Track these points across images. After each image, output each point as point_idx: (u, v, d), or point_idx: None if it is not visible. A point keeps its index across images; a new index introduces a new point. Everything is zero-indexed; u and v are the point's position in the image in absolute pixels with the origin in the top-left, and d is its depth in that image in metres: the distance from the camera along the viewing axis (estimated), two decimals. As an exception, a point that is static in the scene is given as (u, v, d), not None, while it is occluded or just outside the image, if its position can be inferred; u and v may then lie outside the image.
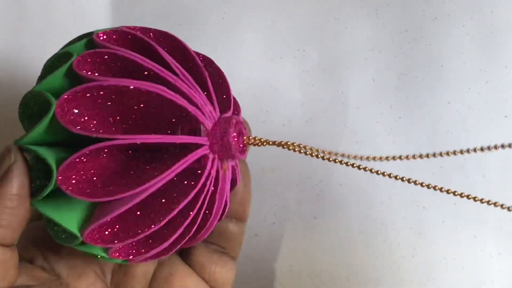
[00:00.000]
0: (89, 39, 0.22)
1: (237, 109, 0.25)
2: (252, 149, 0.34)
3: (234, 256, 0.28)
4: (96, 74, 0.21)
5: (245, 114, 0.34)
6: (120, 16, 0.34)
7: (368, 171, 0.22)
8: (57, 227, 0.22)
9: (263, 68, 0.35)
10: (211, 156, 0.22)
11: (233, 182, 0.25)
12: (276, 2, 0.35)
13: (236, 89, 0.34)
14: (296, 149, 0.24)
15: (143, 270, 0.27)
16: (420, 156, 0.19)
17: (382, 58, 0.35)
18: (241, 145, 0.23)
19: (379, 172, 0.21)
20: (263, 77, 0.35)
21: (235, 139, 0.22)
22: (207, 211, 0.23)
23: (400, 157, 0.21)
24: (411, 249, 0.34)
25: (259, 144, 0.24)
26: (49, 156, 0.20)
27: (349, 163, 0.23)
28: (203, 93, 0.23)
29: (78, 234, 0.21)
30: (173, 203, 0.21)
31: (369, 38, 0.35)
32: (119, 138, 0.20)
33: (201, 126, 0.22)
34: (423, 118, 0.34)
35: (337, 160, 0.24)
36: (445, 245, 0.34)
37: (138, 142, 0.20)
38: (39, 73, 0.24)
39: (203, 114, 0.22)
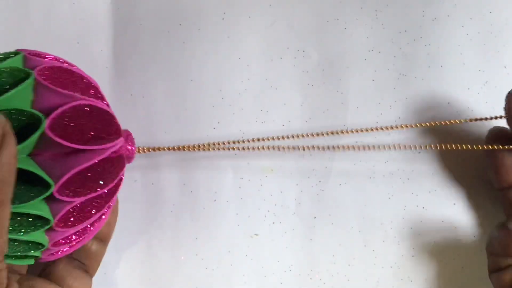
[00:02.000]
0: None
1: None
2: (252, 149, 0.34)
3: (92, 274, 0.30)
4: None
5: (245, 114, 0.34)
6: (120, 16, 0.34)
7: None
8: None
9: (263, 68, 0.35)
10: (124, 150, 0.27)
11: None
12: (276, 2, 0.35)
13: (236, 89, 0.35)
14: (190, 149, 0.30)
15: None
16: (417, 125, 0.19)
17: (382, 58, 0.35)
18: (134, 152, 0.28)
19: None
20: (263, 77, 0.35)
21: (134, 146, 0.28)
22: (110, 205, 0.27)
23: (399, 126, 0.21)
24: (411, 249, 0.34)
25: (150, 151, 0.29)
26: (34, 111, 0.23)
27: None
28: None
29: (52, 182, 0.23)
30: (117, 173, 0.26)
31: (369, 38, 0.35)
32: (85, 98, 0.24)
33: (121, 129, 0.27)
34: (423, 119, 0.34)
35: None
36: (445, 245, 0.34)
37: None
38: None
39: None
